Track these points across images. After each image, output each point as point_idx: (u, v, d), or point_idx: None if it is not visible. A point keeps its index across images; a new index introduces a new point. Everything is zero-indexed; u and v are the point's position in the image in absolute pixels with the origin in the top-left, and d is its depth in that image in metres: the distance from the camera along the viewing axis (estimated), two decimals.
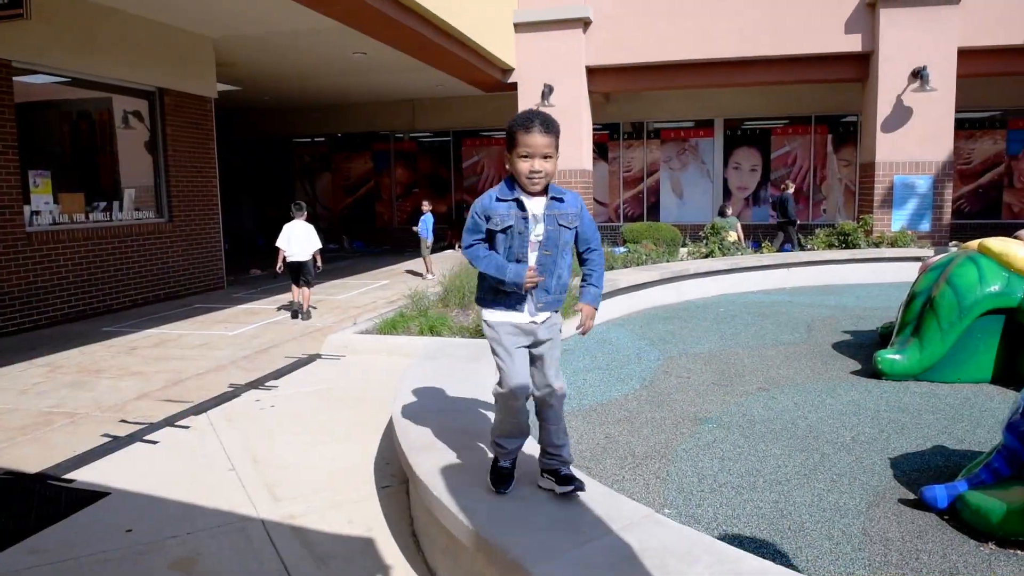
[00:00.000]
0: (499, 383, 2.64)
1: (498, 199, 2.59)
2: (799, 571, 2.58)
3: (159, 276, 10.20)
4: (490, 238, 2.62)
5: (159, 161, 10.36)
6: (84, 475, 3.89)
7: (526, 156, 2.51)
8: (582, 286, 2.74)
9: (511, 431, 2.69)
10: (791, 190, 14.10)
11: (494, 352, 2.66)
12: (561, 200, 2.60)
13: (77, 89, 9.27)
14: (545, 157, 2.51)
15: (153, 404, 5.22)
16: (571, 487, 2.54)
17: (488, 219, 2.59)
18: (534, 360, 2.68)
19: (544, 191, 2.59)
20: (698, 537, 2.21)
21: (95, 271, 9.08)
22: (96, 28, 9.01)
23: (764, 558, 2.36)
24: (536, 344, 2.66)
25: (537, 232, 2.57)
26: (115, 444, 4.36)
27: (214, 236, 11.43)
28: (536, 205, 2.58)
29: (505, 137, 2.61)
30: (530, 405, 2.70)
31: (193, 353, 6.85)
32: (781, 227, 14.18)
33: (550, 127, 2.53)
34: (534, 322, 2.63)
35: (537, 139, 2.50)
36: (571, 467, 2.67)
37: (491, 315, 2.65)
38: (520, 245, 2.57)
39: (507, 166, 2.61)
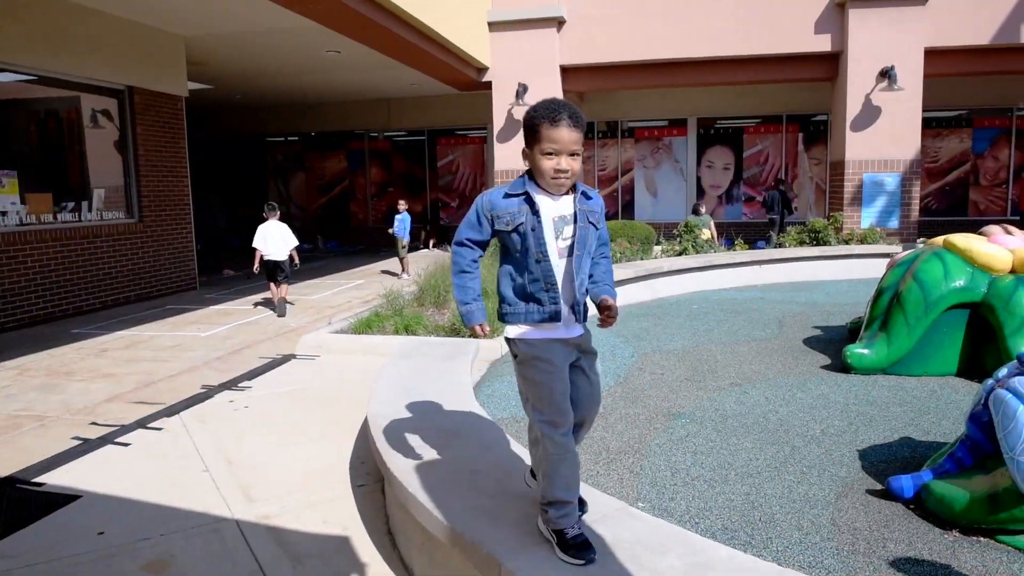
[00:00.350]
0: (542, 416, 2.22)
1: (507, 194, 2.29)
2: (769, 560, 2.62)
3: (130, 277, 10.07)
4: (503, 244, 2.33)
5: (129, 161, 10.23)
6: (54, 478, 3.84)
7: (551, 153, 2.21)
8: (596, 286, 2.37)
9: (572, 475, 2.22)
10: (783, 186, 14.49)
11: (530, 375, 2.26)
12: (590, 197, 2.33)
13: (45, 87, 9.12)
14: (572, 155, 2.22)
15: (124, 406, 5.16)
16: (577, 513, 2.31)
17: (497, 218, 2.28)
18: (573, 380, 2.32)
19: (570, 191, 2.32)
20: (670, 528, 2.24)
21: (64, 272, 8.95)
22: (64, 26, 8.88)
23: (735, 548, 2.41)
24: (579, 356, 2.35)
25: (566, 235, 2.27)
26: (86, 447, 4.31)
27: (186, 236, 11.30)
28: (564, 205, 2.28)
29: (525, 132, 2.29)
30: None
31: (165, 355, 6.78)
32: (774, 222, 14.58)
33: (579, 120, 2.23)
34: (568, 339, 2.31)
35: (565, 133, 2.19)
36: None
37: (527, 331, 2.28)
38: (538, 246, 2.24)
39: (525, 163, 2.31)
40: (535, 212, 2.25)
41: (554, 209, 2.27)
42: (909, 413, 4.34)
